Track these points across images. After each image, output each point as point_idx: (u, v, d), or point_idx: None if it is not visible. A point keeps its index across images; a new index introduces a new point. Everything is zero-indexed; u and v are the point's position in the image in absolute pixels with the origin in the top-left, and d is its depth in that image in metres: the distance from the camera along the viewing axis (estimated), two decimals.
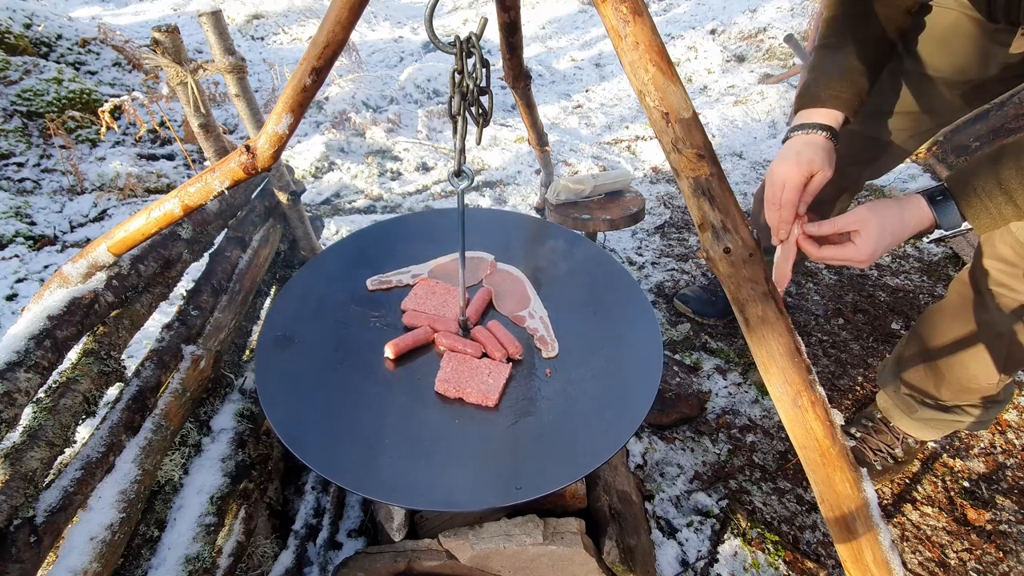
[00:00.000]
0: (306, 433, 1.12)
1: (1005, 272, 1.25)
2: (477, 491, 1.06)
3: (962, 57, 1.33)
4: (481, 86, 0.91)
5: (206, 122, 1.54)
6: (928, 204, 1.02)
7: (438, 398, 1.21)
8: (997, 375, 1.38)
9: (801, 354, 0.83)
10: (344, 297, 1.43)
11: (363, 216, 3.12)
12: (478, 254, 1.54)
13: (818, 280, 2.58)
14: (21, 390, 0.92)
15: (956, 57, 1.33)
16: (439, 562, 1.29)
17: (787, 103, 3.95)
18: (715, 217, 0.79)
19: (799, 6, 5.11)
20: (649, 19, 0.72)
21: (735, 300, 0.85)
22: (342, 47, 0.87)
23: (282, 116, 0.89)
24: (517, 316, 1.39)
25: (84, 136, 3.43)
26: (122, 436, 1.11)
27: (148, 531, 1.16)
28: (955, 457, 1.85)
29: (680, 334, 2.31)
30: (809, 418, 0.83)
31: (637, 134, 3.88)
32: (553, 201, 2.06)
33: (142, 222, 1.07)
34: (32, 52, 3.69)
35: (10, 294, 2.49)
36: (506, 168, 3.51)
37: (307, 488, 1.60)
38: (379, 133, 3.78)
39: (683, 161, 0.77)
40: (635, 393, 1.20)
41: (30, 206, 2.97)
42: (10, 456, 0.90)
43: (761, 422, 1.96)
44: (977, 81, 1.36)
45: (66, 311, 1.05)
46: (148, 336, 2.07)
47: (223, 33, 1.45)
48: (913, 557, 1.60)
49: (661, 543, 1.61)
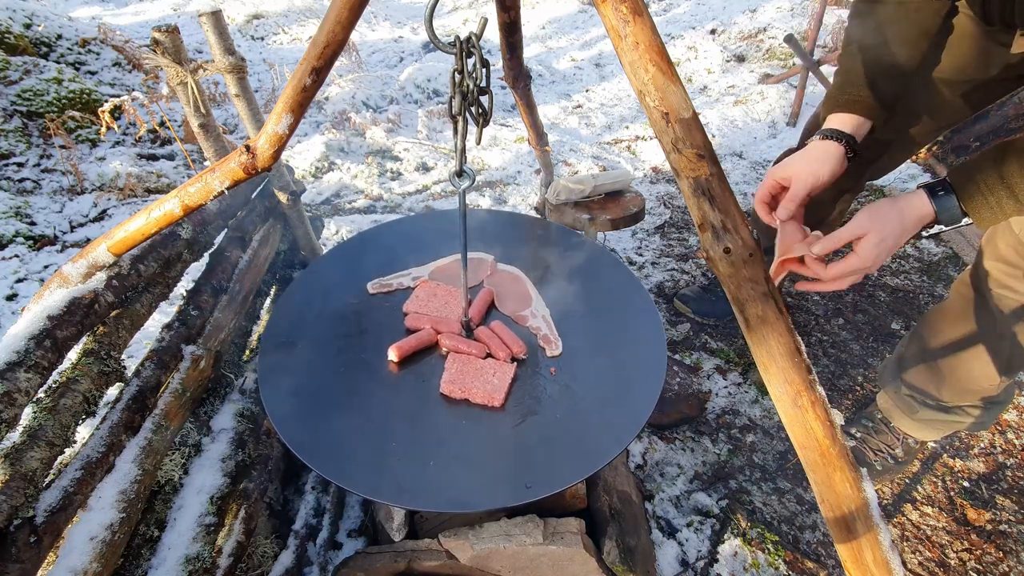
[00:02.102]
0: (311, 437, 1.12)
1: (1007, 273, 1.25)
2: (488, 491, 1.05)
3: (962, 57, 1.33)
4: (481, 86, 0.91)
5: (206, 122, 1.54)
6: (929, 197, 1.02)
7: (444, 399, 1.21)
8: (998, 376, 1.38)
9: (801, 354, 0.83)
10: (345, 301, 1.43)
11: (363, 216, 3.11)
12: (479, 255, 1.54)
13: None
14: (21, 390, 0.92)
15: (956, 57, 1.33)
16: (439, 562, 1.29)
17: (787, 103, 3.95)
18: (715, 217, 0.79)
19: (799, 6, 5.10)
20: (649, 19, 0.72)
21: (735, 300, 0.84)
22: (342, 47, 0.87)
23: (282, 116, 0.89)
24: (519, 316, 1.39)
25: (84, 136, 3.43)
26: (122, 436, 1.11)
27: (148, 531, 1.16)
28: (955, 457, 1.85)
29: (680, 334, 2.31)
30: (809, 418, 0.83)
31: (637, 134, 3.88)
32: (553, 201, 2.06)
33: (142, 222, 1.07)
34: (32, 52, 3.69)
35: (10, 294, 2.49)
36: (506, 168, 3.51)
37: (307, 488, 1.60)
38: (379, 133, 3.78)
39: (683, 161, 0.77)
40: (639, 390, 1.20)
41: (30, 206, 2.97)
42: (10, 456, 0.90)
43: (761, 422, 1.96)
44: (978, 81, 1.35)
45: (66, 311, 1.05)
46: (148, 336, 2.07)
47: (223, 33, 1.45)
48: (913, 557, 1.60)
49: (661, 543, 1.61)
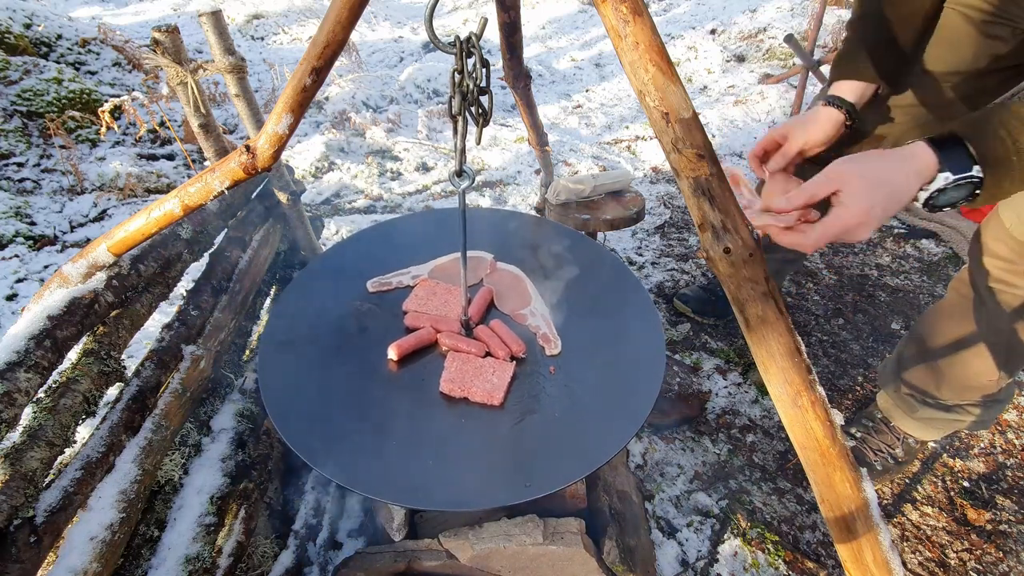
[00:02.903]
0: (311, 436, 1.12)
1: (1004, 269, 1.26)
2: (487, 489, 1.05)
3: (948, 49, 1.34)
4: (481, 86, 0.91)
5: (206, 122, 1.54)
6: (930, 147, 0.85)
7: (443, 398, 1.21)
8: (997, 372, 1.38)
9: (801, 354, 0.83)
10: (345, 299, 1.43)
11: (363, 216, 3.11)
12: (478, 254, 1.54)
13: (818, 280, 2.57)
14: (21, 390, 0.92)
15: (942, 49, 1.35)
16: (439, 562, 1.29)
17: (787, 103, 3.95)
18: (715, 217, 0.79)
19: (799, 6, 5.10)
20: (649, 19, 0.72)
21: (735, 300, 0.84)
22: (342, 47, 0.87)
23: (282, 116, 0.89)
24: (519, 314, 1.39)
25: (84, 136, 3.42)
26: (122, 436, 1.11)
27: (148, 531, 1.16)
28: (955, 457, 1.85)
29: (680, 334, 2.31)
30: (809, 418, 0.83)
31: (637, 134, 3.88)
32: (553, 201, 2.06)
33: (142, 222, 1.07)
34: (32, 52, 3.69)
35: (10, 294, 2.49)
36: (506, 168, 3.51)
37: (307, 488, 1.60)
38: (379, 133, 3.78)
39: (683, 161, 0.77)
40: (639, 389, 1.20)
41: (30, 206, 2.97)
42: (10, 456, 0.90)
43: (761, 422, 1.96)
44: (967, 73, 1.36)
45: (66, 311, 1.05)
46: (148, 336, 2.07)
47: (223, 33, 1.45)
48: (913, 557, 1.60)
49: (661, 543, 1.61)
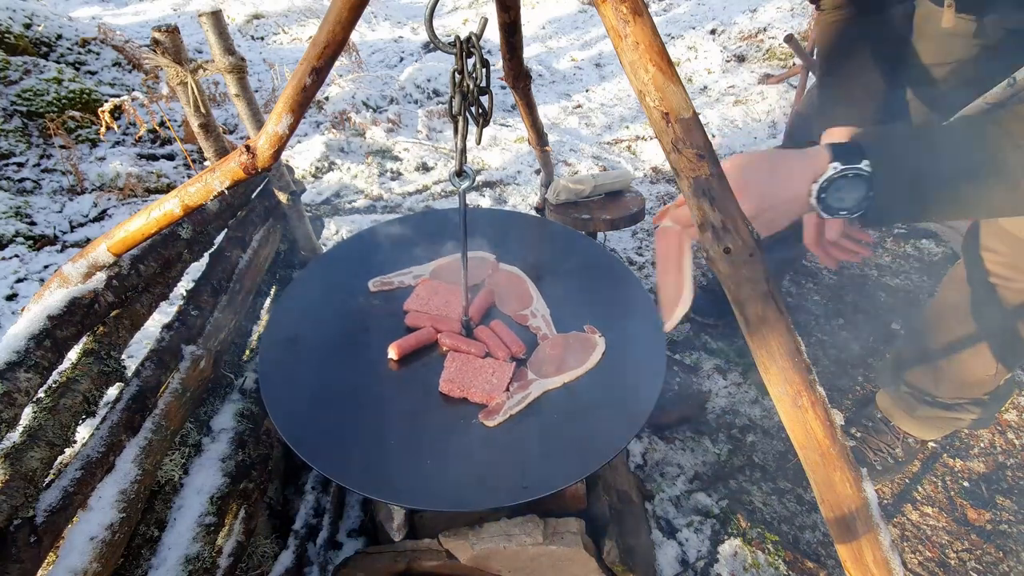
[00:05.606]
0: (311, 435, 1.12)
1: (998, 263, 1.27)
2: (485, 490, 1.06)
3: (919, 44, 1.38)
4: (481, 86, 0.91)
5: (206, 122, 1.54)
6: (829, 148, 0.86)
7: (442, 398, 1.21)
8: (995, 365, 1.39)
9: (801, 354, 0.82)
10: (346, 299, 1.43)
11: (363, 216, 3.11)
12: (480, 254, 1.55)
13: (818, 280, 2.57)
14: (21, 390, 0.92)
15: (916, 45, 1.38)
16: (439, 562, 1.29)
17: (787, 103, 3.95)
18: (715, 217, 0.79)
19: (799, 6, 5.10)
20: (649, 19, 0.72)
21: (735, 300, 0.84)
22: (342, 47, 0.87)
23: (282, 116, 0.89)
24: (519, 315, 1.39)
25: (84, 136, 3.42)
26: (122, 436, 1.11)
27: (148, 531, 1.16)
28: (955, 457, 1.85)
29: (680, 334, 2.31)
30: (809, 418, 0.83)
31: (637, 134, 3.88)
32: (553, 201, 2.06)
33: (142, 222, 1.07)
34: (32, 52, 3.69)
35: (10, 294, 2.49)
36: (506, 168, 3.51)
37: (307, 488, 1.60)
38: (379, 133, 3.78)
39: (683, 161, 0.77)
40: (639, 390, 1.20)
41: (30, 206, 2.97)
42: (10, 456, 0.90)
43: (761, 422, 1.96)
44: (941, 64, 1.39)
45: (66, 311, 1.05)
46: (148, 336, 2.06)
47: (223, 33, 1.45)
48: (913, 557, 1.60)
49: (661, 543, 1.61)
